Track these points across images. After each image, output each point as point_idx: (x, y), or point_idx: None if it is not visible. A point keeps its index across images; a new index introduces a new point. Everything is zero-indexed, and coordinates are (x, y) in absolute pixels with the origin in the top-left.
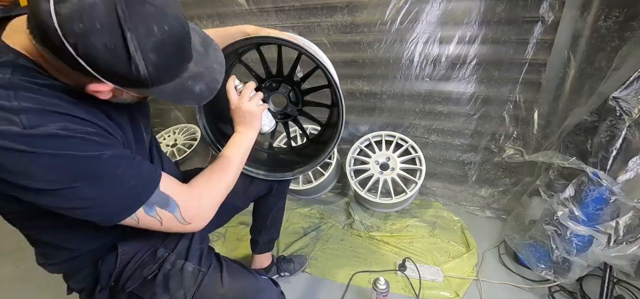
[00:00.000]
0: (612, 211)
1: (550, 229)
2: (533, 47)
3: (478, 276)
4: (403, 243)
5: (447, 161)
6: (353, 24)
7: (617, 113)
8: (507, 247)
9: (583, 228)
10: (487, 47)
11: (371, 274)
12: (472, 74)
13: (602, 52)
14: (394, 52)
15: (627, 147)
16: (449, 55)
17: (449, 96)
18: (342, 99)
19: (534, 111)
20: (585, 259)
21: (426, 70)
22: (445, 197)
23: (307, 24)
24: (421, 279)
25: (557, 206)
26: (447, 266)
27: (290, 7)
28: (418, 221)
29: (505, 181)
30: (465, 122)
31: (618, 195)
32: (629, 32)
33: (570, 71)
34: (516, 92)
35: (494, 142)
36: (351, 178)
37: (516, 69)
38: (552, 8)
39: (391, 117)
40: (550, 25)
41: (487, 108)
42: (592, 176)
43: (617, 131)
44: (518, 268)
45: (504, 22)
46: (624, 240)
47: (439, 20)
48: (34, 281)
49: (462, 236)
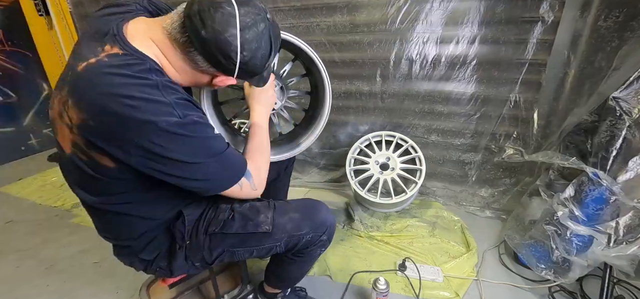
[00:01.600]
0: (612, 211)
1: (550, 229)
2: (533, 47)
3: (478, 276)
4: (403, 243)
5: (447, 161)
6: (353, 24)
7: (617, 113)
8: (507, 247)
9: (583, 227)
10: (487, 47)
11: (371, 274)
12: (472, 74)
13: (602, 52)
14: (394, 52)
15: (627, 147)
16: (449, 55)
17: (449, 96)
18: (317, 57)
19: (534, 110)
20: (585, 259)
21: (426, 71)
22: (445, 197)
23: (306, 24)
24: (421, 279)
25: (557, 206)
26: (447, 266)
27: (290, 7)
28: (418, 221)
29: (505, 181)
30: (465, 122)
31: (618, 195)
32: (629, 32)
33: (570, 71)
34: (516, 92)
35: (494, 142)
36: (351, 178)
37: (516, 69)
38: (552, 8)
39: (391, 117)
40: (550, 25)
41: (487, 108)
42: (592, 176)
43: (617, 131)
44: (518, 268)
45: (504, 22)
46: (624, 240)
47: (439, 20)
48: (34, 281)
49: (462, 236)
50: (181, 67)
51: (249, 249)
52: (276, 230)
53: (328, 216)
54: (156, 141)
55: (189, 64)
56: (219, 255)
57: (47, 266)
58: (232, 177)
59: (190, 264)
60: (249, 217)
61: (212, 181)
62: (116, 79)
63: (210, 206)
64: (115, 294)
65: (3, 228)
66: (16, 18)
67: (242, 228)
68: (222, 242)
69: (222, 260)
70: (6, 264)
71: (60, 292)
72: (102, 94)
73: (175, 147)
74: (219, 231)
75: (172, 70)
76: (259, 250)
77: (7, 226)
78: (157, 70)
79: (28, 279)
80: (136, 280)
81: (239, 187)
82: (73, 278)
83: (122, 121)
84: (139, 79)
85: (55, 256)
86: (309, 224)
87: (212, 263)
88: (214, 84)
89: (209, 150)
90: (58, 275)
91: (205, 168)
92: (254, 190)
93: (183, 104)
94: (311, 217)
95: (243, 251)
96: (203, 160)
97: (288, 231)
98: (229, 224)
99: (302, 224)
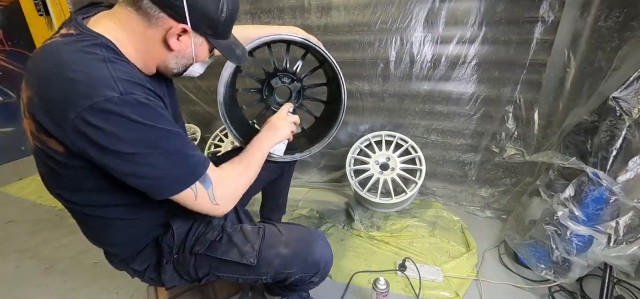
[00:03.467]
0: (612, 211)
1: (550, 229)
2: (533, 47)
3: (478, 276)
4: (403, 243)
5: (447, 161)
6: (353, 23)
7: (617, 113)
8: (507, 247)
9: (583, 227)
10: (488, 47)
11: (371, 274)
12: (472, 74)
13: (602, 52)
14: (394, 52)
15: (627, 147)
16: (449, 55)
17: (449, 96)
18: (340, 71)
19: (534, 110)
20: (585, 259)
21: (426, 70)
22: (446, 197)
23: (306, 24)
24: (421, 279)
25: (557, 206)
26: (447, 266)
27: (290, 7)
28: (418, 221)
29: (506, 181)
30: (465, 122)
31: (618, 195)
32: (629, 32)
33: (570, 71)
34: (516, 92)
35: (494, 142)
36: (351, 178)
37: (516, 69)
38: (552, 8)
39: (391, 117)
40: (550, 25)
41: (487, 108)
42: (592, 176)
43: (617, 131)
44: (518, 268)
45: (504, 22)
46: (624, 240)
47: (439, 20)
48: (34, 281)
49: (462, 236)
50: (136, 35)
51: (234, 276)
52: (261, 264)
53: (323, 253)
54: (89, 119)
55: (141, 20)
56: (204, 275)
57: (47, 266)
58: (183, 179)
59: (179, 277)
60: (234, 242)
61: (159, 179)
62: (63, 54)
63: (201, 219)
64: (115, 295)
65: (3, 228)
66: (16, 18)
67: (226, 253)
68: (207, 264)
69: (209, 280)
70: (6, 264)
71: (60, 292)
72: (46, 69)
73: (110, 130)
74: (203, 252)
75: (131, 48)
76: (244, 279)
77: (7, 226)
78: (108, 47)
79: (28, 279)
80: (136, 280)
81: (192, 195)
82: (73, 278)
83: (61, 94)
84: (85, 54)
85: (55, 256)
86: (299, 264)
87: (200, 280)
88: (171, 46)
89: (153, 140)
90: (58, 275)
91: (149, 161)
92: (214, 205)
93: (128, 81)
94: (302, 256)
95: (227, 277)
96: (144, 150)
97: (274, 267)
98: (215, 246)
99: (291, 263)
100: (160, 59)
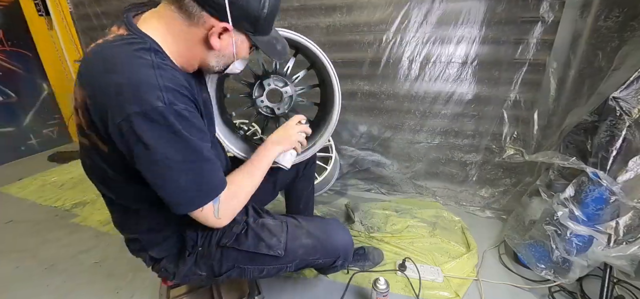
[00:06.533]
0: (612, 211)
1: (550, 229)
2: (533, 47)
3: (478, 276)
4: (403, 243)
5: (447, 161)
6: (353, 24)
7: (617, 113)
8: (507, 247)
9: (583, 228)
10: (487, 47)
11: (371, 274)
12: (472, 74)
13: (602, 52)
14: (394, 52)
15: (627, 147)
16: (449, 55)
17: (449, 96)
18: (334, 70)
19: (534, 110)
20: (585, 259)
21: (426, 70)
22: (446, 198)
23: (306, 24)
24: (421, 279)
25: (557, 206)
26: (447, 266)
27: (289, 7)
28: (418, 221)
29: (506, 181)
30: (465, 123)
31: (618, 195)
32: (629, 32)
33: (570, 71)
34: (516, 92)
35: (495, 143)
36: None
37: (516, 69)
38: (552, 8)
39: (391, 117)
40: (550, 25)
41: (487, 108)
42: (592, 176)
43: (617, 131)
44: (518, 268)
45: (504, 22)
46: (624, 240)
47: (439, 21)
48: (34, 281)
49: (462, 236)
50: (179, 34)
51: (260, 267)
52: (288, 255)
53: (344, 239)
54: (132, 125)
55: (183, 19)
56: (228, 269)
57: (47, 266)
58: (204, 196)
59: (197, 271)
60: (261, 237)
61: (183, 194)
62: (114, 57)
63: None
64: (115, 295)
65: (3, 228)
66: (16, 18)
67: (254, 246)
68: (233, 257)
69: (230, 275)
70: (6, 264)
71: (60, 292)
72: (99, 71)
73: (148, 137)
74: (230, 245)
75: (175, 49)
76: (269, 270)
77: (7, 226)
78: (156, 51)
79: (28, 279)
80: (136, 280)
81: (200, 210)
82: (73, 278)
83: (110, 97)
84: (135, 58)
85: (55, 256)
86: (322, 252)
87: (220, 275)
88: (213, 45)
89: (187, 152)
90: (58, 275)
91: (176, 176)
92: (217, 219)
93: (173, 90)
94: (324, 244)
95: (253, 269)
96: (176, 164)
97: (299, 256)
98: (242, 239)
99: (314, 251)
100: (202, 58)
